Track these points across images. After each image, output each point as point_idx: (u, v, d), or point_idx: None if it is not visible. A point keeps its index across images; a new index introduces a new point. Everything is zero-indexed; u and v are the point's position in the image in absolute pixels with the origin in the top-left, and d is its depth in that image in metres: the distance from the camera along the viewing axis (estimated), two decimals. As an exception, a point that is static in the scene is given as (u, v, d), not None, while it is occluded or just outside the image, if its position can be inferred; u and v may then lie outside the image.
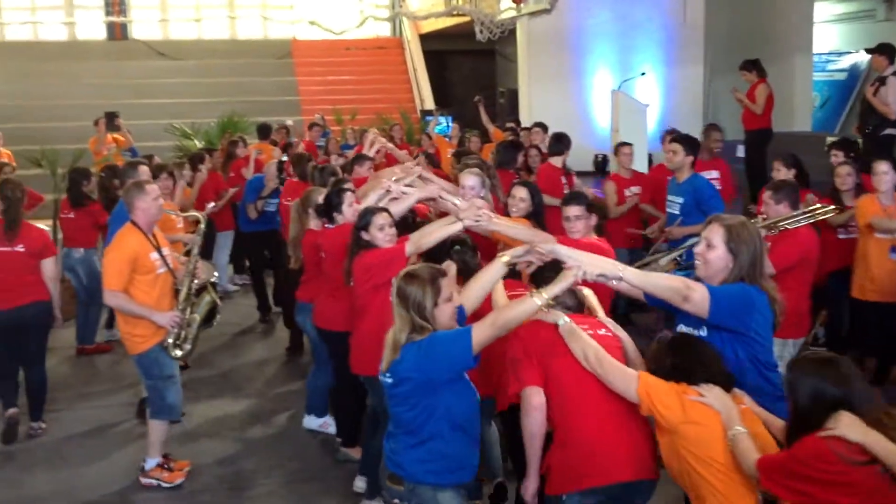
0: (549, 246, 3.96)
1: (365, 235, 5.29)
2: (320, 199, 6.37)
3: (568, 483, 3.84)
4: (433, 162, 9.38)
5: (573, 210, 5.41)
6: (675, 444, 3.56)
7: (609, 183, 9.17)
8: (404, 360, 3.77)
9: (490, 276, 4.18)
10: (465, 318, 4.04)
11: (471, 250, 5.11)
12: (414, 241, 5.09)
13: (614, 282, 3.74)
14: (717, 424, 3.48)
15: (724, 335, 3.84)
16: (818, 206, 6.14)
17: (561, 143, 9.13)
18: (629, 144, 9.38)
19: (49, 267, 6.92)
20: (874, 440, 3.04)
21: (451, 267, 4.66)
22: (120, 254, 5.77)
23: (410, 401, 3.83)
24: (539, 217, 6.00)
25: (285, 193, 8.67)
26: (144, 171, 7.30)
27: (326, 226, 6.24)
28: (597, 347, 3.83)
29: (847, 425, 3.08)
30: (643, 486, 3.85)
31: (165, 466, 6.13)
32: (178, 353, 5.94)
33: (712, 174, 8.54)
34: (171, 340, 5.89)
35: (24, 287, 6.77)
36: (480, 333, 3.73)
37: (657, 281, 3.92)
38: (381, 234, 5.26)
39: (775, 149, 10.99)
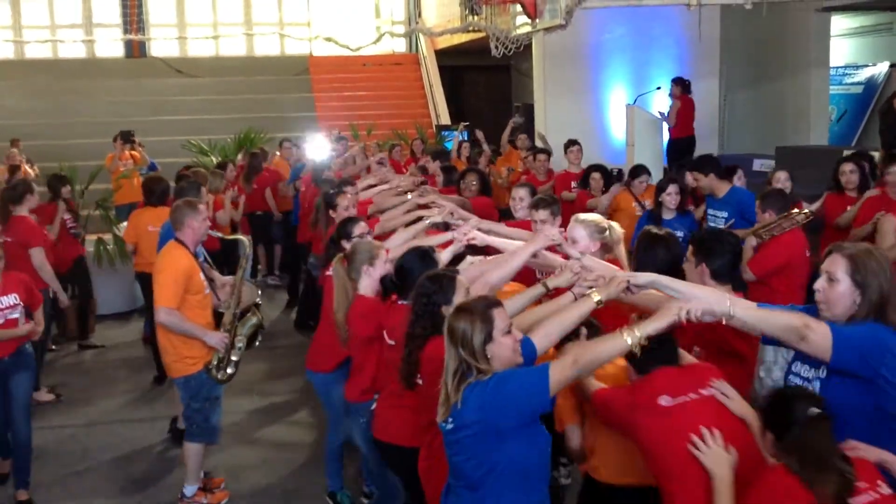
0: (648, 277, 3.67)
1: (446, 312, 3.83)
2: (380, 263, 4.89)
3: None
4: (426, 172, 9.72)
5: (540, 214, 5.47)
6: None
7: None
8: (468, 402, 3.24)
9: (577, 314, 3.64)
10: (535, 357, 3.53)
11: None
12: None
13: (724, 320, 3.35)
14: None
15: (848, 381, 3.34)
16: (795, 210, 6.26)
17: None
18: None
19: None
20: None
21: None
22: (175, 272, 5.66)
23: (472, 450, 3.31)
24: None
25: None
26: (204, 192, 7.35)
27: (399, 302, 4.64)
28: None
29: None
30: None
31: (206, 489, 6.08)
32: (221, 375, 5.83)
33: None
34: (215, 362, 5.80)
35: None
36: (560, 373, 3.25)
37: (772, 319, 3.40)
38: None
39: (792, 163, 11.00)
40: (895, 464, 3.23)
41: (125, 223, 9.25)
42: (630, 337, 3.27)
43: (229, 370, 5.88)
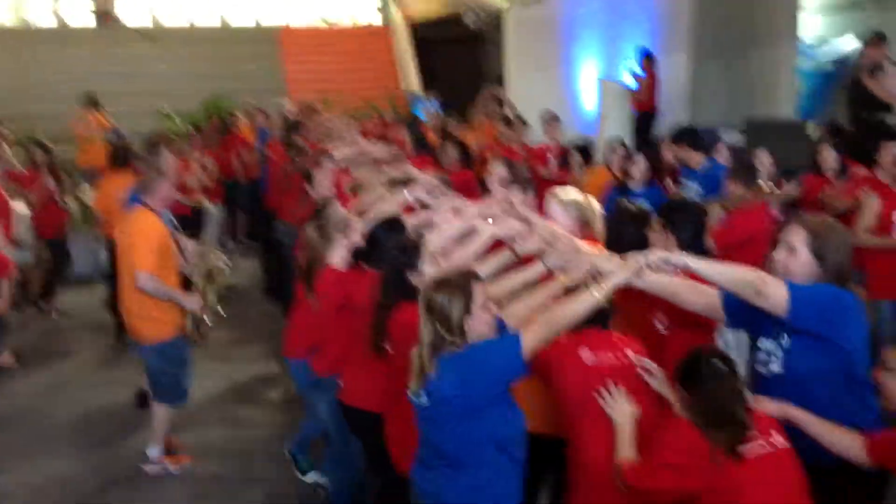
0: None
1: (413, 278, 3.97)
2: (356, 231, 4.69)
3: None
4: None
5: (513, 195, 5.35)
6: None
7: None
8: (443, 376, 3.21)
9: (573, 312, 3.37)
10: (518, 350, 3.36)
11: None
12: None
13: (681, 276, 3.43)
14: None
15: (811, 343, 3.35)
16: (764, 189, 6.49)
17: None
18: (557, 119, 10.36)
19: None
20: None
21: None
22: (152, 238, 5.67)
23: (450, 424, 3.30)
24: None
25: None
26: (167, 153, 7.22)
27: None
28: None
29: None
30: None
31: (170, 452, 6.09)
32: (198, 337, 5.96)
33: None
34: (190, 325, 5.89)
35: None
36: (532, 335, 3.23)
37: (727, 271, 3.42)
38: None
39: (761, 136, 11.05)
40: (797, 416, 3.37)
41: (86, 185, 9.26)
42: (597, 291, 3.31)
43: (203, 330, 6.01)
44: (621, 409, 3.59)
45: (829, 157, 7.47)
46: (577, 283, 3.57)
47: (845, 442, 3.31)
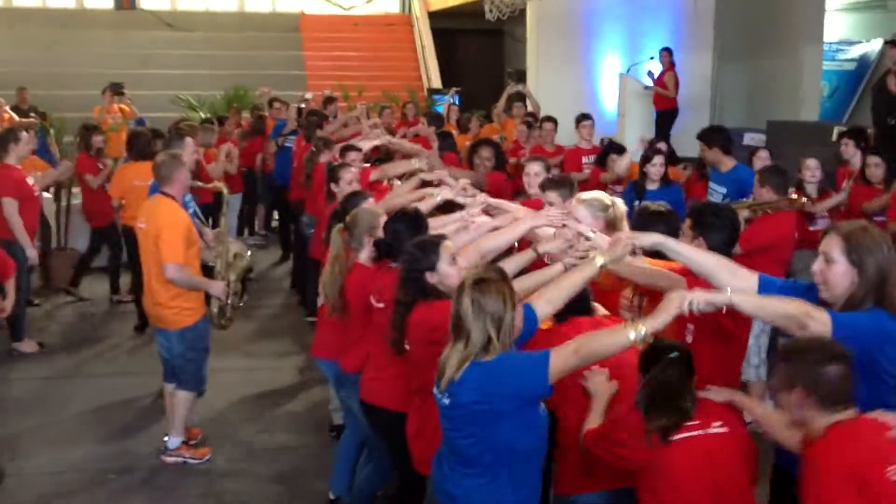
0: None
1: (431, 278, 3.98)
2: (379, 226, 4.72)
3: None
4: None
5: (549, 196, 5.28)
6: None
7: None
8: (466, 382, 3.22)
9: (580, 278, 3.63)
10: (537, 324, 3.56)
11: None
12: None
13: (724, 309, 3.37)
14: None
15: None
16: (795, 196, 6.39)
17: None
18: (589, 118, 9.92)
19: None
20: None
21: None
22: (178, 227, 5.73)
23: (468, 429, 3.33)
24: None
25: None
26: (190, 143, 7.21)
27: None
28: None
29: None
30: None
31: (190, 442, 6.11)
32: (224, 322, 6.14)
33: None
34: (216, 311, 6.05)
35: None
36: (562, 361, 3.23)
37: (771, 307, 3.38)
38: (454, 269, 3.92)
39: (783, 138, 11.00)
40: (743, 402, 3.60)
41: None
42: (634, 333, 3.23)
43: (228, 314, 6.16)
44: (599, 385, 3.77)
45: (877, 171, 7.43)
46: (616, 260, 3.71)
47: (785, 432, 3.36)
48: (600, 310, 4.13)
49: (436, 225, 4.73)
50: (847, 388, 3.02)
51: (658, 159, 7.48)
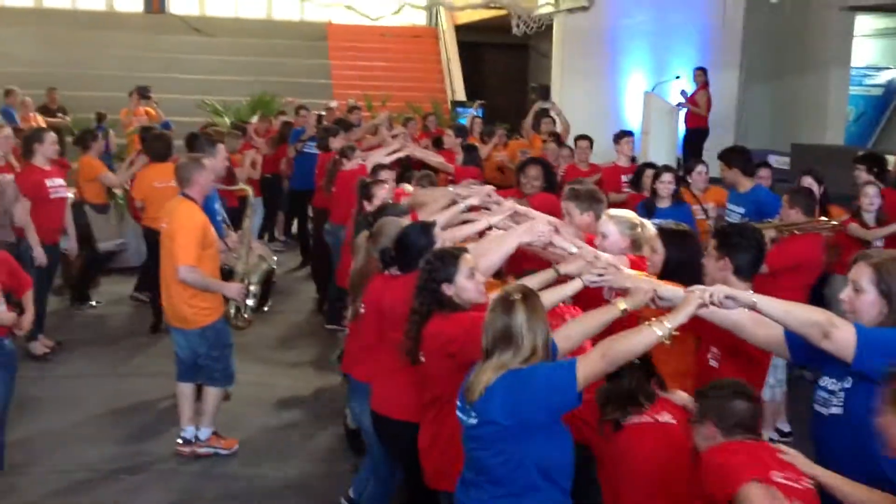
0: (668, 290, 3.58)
1: (448, 289, 3.93)
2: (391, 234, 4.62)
3: None
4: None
5: (568, 206, 5.29)
6: None
7: None
8: (493, 398, 3.22)
9: (600, 321, 3.57)
10: (555, 357, 3.46)
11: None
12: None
13: (746, 309, 3.32)
14: None
15: (874, 389, 3.03)
16: (825, 218, 6.40)
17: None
18: (630, 134, 9.69)
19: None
20: None
21: None
22: (192, 229, 5.79)
23: (497, 446, 3.28)
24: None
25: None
26: (221, 149, 7.21)
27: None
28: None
29: None
30: None
31: (219, 434, 6.22)
32: (241, 323, 6.30)
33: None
34: (233, 311, 6.20)
35: None
36: (588, 368, 3.23)
37: (796, 312, 3.28)
38: (472, 282, 3.90)
39: (807, 161, 10.93)
40: (689, 402, 3.72)
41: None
42: (660, 329, 3.24)
43: (246, 316, 6.34)
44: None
45: (875, 201, 7.33)
46: (637, 308, 3.57)
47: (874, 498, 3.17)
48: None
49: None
50: (753, 423, 3.37)
51: (667, 177, 7.33)
